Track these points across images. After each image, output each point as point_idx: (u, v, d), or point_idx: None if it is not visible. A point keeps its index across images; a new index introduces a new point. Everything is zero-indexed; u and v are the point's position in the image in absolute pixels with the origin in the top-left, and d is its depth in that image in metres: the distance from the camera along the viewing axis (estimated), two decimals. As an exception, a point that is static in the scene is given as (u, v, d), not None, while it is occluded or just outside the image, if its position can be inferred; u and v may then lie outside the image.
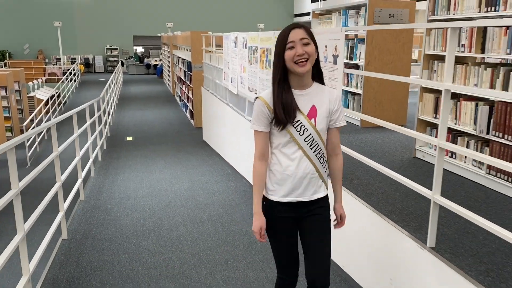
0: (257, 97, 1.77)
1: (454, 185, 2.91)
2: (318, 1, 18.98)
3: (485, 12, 2.85)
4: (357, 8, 4.71)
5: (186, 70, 10.21)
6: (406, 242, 2.16)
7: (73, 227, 3.87)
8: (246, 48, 4.89)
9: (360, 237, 2.66)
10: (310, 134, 1.75)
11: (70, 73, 15.85)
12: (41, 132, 10.29)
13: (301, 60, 1.65)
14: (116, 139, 8.45)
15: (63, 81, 14.60)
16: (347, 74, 4.92)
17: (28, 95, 13.44)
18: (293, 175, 1.76)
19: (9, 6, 21.53)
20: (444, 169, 2.05)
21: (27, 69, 14.64)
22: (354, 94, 4.91)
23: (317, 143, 1.77)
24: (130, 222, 4.03)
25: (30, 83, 14.48)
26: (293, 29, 1.68)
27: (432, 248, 2.02)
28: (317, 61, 1.74)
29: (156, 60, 22.33)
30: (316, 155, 1.77)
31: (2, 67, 17.05)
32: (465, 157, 3.08)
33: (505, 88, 2.68)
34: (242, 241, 3.53)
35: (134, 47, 23.91)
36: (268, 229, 1.81)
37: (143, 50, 24.47)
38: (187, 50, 10.12)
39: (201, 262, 3.19)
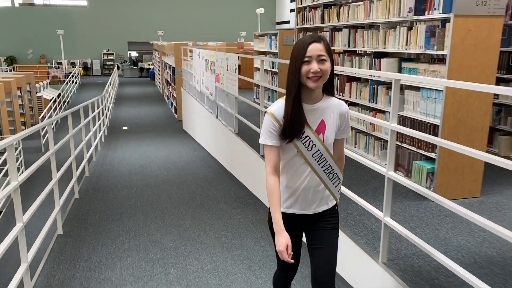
0: (266, 112, 1.80)
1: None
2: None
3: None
4: (275, 35, 7.41)
5: (171, 74, 12.90)
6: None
7: (91, 172, 6.51)
8: (204, 60, 7.57)
9: (244, 161, 5.30)
10: (318, 150, 1.78)
11: (72, 76, 18.50)
12: (51, 124, 12.94)
13: (314, 77, 1.68)
14: (114, 128, 11.11)
15: (66, 83, 17.24)
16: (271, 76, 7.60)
17: (36, 95, 16.11)
18: (297, 188, 1.82)
19: (14, 15, 24.28)
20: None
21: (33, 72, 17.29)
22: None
23: (325, 159, 1.80)
24: (126, 169, 6.69)
25: (37, 85, 17.15)
26: (312, 42, 1.68)
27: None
28: (331, 74, 1.75)
29: (148, 64, 25.02)
30: (324, 170, 1.82)
31: (10, 71, 19.69)
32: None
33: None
34: (193, 176, 6.19)
35: (129, 52, 26.61)
36: (273, 233, 1.81)
37: (137, 55, 27.14)
38: (172, 57, 12.80)
39: (166, 182, 5.86)
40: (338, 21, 4.89)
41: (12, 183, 2.70)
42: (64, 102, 16.31)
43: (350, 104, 4.61)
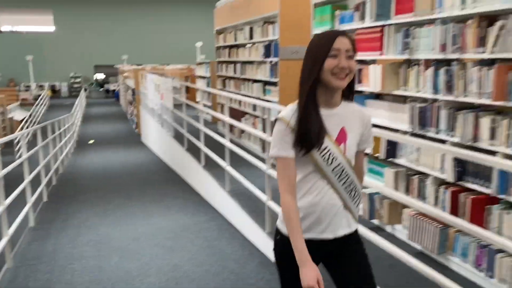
0: (277, 119, 1.61)
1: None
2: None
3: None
4: (208, 63, 9.88)
5: (132, 94, 15.20)
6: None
7: (65, 169, 8.71)
8: (153, 83, 9.95)
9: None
10: (340, 164, 1.60)
11: (41, 98, 20.49)
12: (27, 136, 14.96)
13: (341, 73, 1.52)
14: (82, 142, 13.27)
15: (37, 105, 19.23)
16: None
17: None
18: (315, 207, 1.61)
19: (-17, 41, 26.13)
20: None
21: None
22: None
23: (347, 174, 1.62)
24: (92, 168, 8.93)
25: (8, 107, 19.07)
26: (339, 36, 1.53)
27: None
28: (353, 77, 1.59)
29: (114, 86, 27.19)
30: (345, 188, 1.63)
31: (-18, 94, 21.49)
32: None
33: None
34: (143, 170, 8.49)
35: (95, 75, 28.72)
36: (281, 266, 1.68)
37: (104, 77, 29.25)
38: (133, 79, 15.12)
39: (122, 174, 8.15)
40: (237, 57, 7.40)
41: None
42: (34, 122, 18.26)
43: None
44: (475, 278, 2.97)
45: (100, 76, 29.11)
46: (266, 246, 3.96)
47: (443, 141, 3.08)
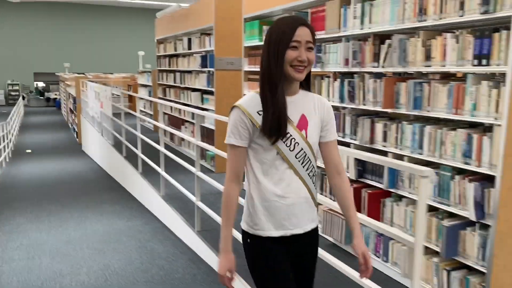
0: (234, 106, 1.60)
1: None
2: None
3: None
4: (150, 72, 10.03)
5: (73, 103, 14.94)
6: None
7: (3, 178, 8.51)
8: (94, 91, 9.94)
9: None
10: (302, 149, 1.60)
11: (-25, 106, 19.52)
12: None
13: (300, 66, 1.53)
14: (18, 152, 12.86)
15: (-31, 112, 18.30)
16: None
17: None
18: (284, 201, 1.60)
19: None
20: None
21: None
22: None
23: (309, 159, 1.63)
24: (28, 177, 8.77)
25: None
26: (301, 26, 1.52)
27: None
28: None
29: (55, 94, 26.38)
30: (308, 173, 1.64)
31: None
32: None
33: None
34: (81, 178, 8.46)
35: (35, 82, 27.73)
36: (259, 268, 1.63)
37: (44, 85, 28.29)
38: (73, 87, 14.88)
39: (59, 182, 8.07)
40: (177, 67, 7.65)
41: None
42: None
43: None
44: (375, 264, 3.40)
45: (41, 84, 28.15)
46: (196, 243, 4.23)
47: (348, 144, 3.51)
